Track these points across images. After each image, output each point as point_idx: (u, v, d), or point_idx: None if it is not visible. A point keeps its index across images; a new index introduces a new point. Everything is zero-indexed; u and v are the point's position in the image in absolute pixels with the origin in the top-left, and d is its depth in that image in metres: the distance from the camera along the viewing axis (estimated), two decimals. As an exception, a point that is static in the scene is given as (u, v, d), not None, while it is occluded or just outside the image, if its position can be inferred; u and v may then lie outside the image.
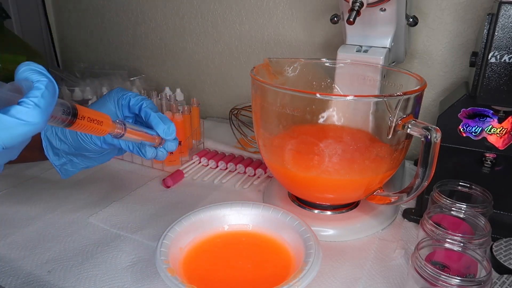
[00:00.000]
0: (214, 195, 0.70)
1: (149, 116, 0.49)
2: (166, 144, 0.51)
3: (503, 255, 0.51)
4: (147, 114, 0.49)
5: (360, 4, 0.55)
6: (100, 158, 0.55)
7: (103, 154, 0.54)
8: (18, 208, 0.65)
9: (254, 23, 0.99)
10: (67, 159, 0.53)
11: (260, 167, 0.76)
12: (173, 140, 0.51)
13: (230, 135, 0.87)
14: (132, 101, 0.50)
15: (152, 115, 0.49)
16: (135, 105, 0.50)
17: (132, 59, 1.22)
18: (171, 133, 0.50)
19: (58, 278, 0.50)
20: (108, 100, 0.51)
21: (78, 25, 1.27)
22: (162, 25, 1.12)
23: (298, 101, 0.52)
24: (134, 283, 0.49)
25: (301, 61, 0.66)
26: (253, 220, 0.53)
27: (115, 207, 0.65)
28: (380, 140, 0.52)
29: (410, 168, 0.80)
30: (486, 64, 0.58)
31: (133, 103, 0.50)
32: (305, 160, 0.54)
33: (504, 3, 0.55)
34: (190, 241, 0.49)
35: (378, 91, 0.64)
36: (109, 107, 0.50)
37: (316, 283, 0.49)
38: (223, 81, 1.09)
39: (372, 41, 0.65)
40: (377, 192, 0.57)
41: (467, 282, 0.37)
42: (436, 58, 0.81)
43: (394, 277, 0.51)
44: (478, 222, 0.48)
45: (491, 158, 0.66)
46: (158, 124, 0.49)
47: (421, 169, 0.49)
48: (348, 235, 0.58)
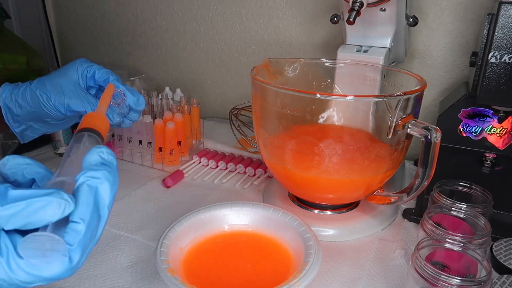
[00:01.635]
0: (214, 195, 0.70)
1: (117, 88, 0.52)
2: (131, 114, 0.55)
3: (503, 255, 0.51)
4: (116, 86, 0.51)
5: (360, 4, 0.55)
6: (61, 125, 0.56)
7: (64, 121, 0.55)
8: (18, 208, 0.65)
9: (254, 23, 0.99)
10: (27, 125, 0.54)
11: (260, 167, 0.76)
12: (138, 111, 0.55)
13: (230, 135, 0.87)
14: (98, 74, 0.52)
15: (120, 87, 0.52)
16: (100, 78, 0.52)
17: (132, 59, 1.22)
18: (141, 104, 0.53)
19: (58, 278, 0.50)
20: (70, 69, 0.52)
21: (78, 25, 1.27)
22: (162, 25, 1.12)
23: (298, 101, 0.52)
24: (134, 283, 0.49)
25: (301, 61, 0.66)
26: (253, 220, 0.53)
27: (115, 207, 0.65)
28: (380, 140, 0.52)
29: (410, 168, 0.80)
30: (486, 64, 0.58)
31: (99, 76, 0.52)
32: (305, 160, 0.54)
33: (504, 3, 0.55)
34: (190, 241, 0.49)
35: (378, 91, 0.64)
36: (72, 76, 0.52)
37: (316, 283, 0.49)
38: (223, 81, 1.09)
39: (372, 41, 0.65)
40: (377, 192, 0.57)
41: (467, 282, 0.37)
42: (436, 58, 0.81)
43: (394, 277, 0.51)
44: (478, 222, 0.48)
45: (491, 158, 0.66)
46: (128, 95, 0.52)
47: (421, 169, 0.49)
48: (348, 235, 0.58)
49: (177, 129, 0.77)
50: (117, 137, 0.82)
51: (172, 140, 0.77)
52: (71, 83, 0.51)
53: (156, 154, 0.79)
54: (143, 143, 0.79)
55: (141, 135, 0.79)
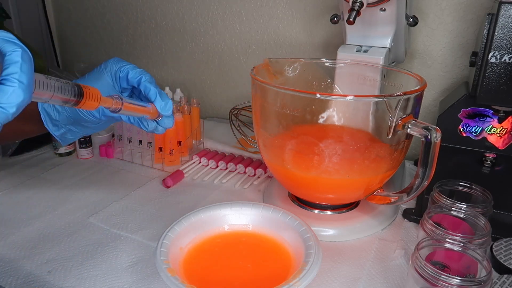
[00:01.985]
0: (214, 195, 0.70)
1: (148, 91, 0.49)
2: (163, 121, 0.51)
3: (503, 255, 0.51)
4: (146, 88, 0.49)
5: (360, 4, 0.55)
6: (98, 127, 0.55)
7: (100, 124, 0.54)
8: (18, 208, 0.65)
9: (254, 23, 0.99)
10: (66, 129, 0.54)
11: (260, 167, 0.76)
12: (169, 116, 0.51)
13: (230, 135, 0.87)
14: (131, 74, 0.49)
15: (152, 90, 0.49)
16: (133, 78, 0.49)
17: (132, 59, 1.22)
18: (168, 110, 0.50)
19: (58, 278, 0.50)
20: (104, 72, 0.50)
21: (78, 25, 1.27)
22: (162, 25, 1.12)
23: (298, 101, 0.52)
24: (134, 283, 0.49)
25: (301, 61, 0.66)
26: (253, 220, 0.53)
27: (115, 207, 0.65)
28: (380, 140, 0.52)
29: (410, 168, 0.80)
30: (486, 64, 0.58)
31: (132, 76, 0.49)
32: (305, 160, 0.54)
33: (504, 3, 0.55)
34: (190, 241, 0.49)
35: (378, 91, 0.64)
36: (106, 79, 0.50)
37: (316, 283, 0.49)
38: (223, 81, 1.09)
39: (372, 41, 0.65)
40: (377, 192, 0.57)
41: (467, 282, 0.37)
42: (436, 58, 0.81)
43: (394, 277, 0.51)
44: (478, 222, 0.48)
45: (491, 158, 0.66)
46: (157, 99, 0.49)
47: (421, 169, 0.49)
48: (348, 235, 0.58)
49: (177, 129, 0.77)
50: (117, 137, 0.82)
51: (172, 140, 0.77)
52: (105, 86, 0.50)
53: (156, 154, 0.79)
54: (143, 143, 0.79)
55: (141, 135, 0.79)
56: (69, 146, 0.84)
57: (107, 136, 0.87)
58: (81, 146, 0.82)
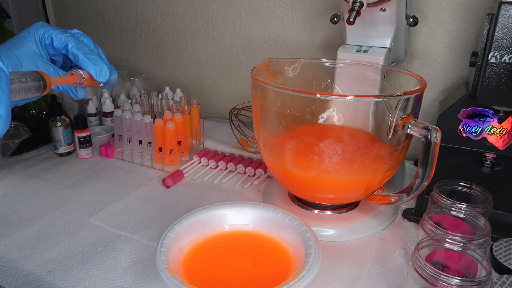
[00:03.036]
0: (214, 195, 0.70)
1: (77, 59, 0.46)
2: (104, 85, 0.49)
3: (503, 255, 0.51)
4: (75, 56, 0.46)
5: (360, 4, 0.55)
6: None
7: None
8: (18, 208, 0.65)
9: (254, 23, 0.99)
10: None
11: (260, 167, 0.76)
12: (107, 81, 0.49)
13: (230, 135, 0.87)
14: (55, 41, 0.46)
15: (80, 58, 0.46)
16: (59, 45, 0.46)
17: (132, 59, 1.22)
18: (104, 76, 0.47)
19: (58, 278, 0.50)
20: (27, 39, 0.46)
21: (78, 25, 1.27)
22: (162, 25, 1.12)
23: (298, 101, 0.52)
24: (134, 283, 0.49)
25: (301, 61, 0.66)
26: (253, 220, 0.53)
27: (115, 207, 0.65)
28: (380, 140, 0.52)
29: (410, 168, 0.80)
30: (486, 64, 0.58)
31: (57, 44, 0.46)
32: (305, 160, 0.54)
33: (504, 3, 0.55)
34: (190, 241, 0.49)
35: (378, 91, 0.64)
36: (30, 46, 0.46)
37: (316, 283, 0.49)
38: (223, 81, 1.09)
39: (372, 41, 0.65)
40: (377, 192, 0.57)
41: (467, 282, 0.37)
42: (436, 58, 0.81)
43: (394, 277, 0.51)
44: (478, 222, 0.48)
45: (491, 158, 0.66)
46: (89, 67, 0.46)
47: (421, 169, 0.49)
48: (348, 235, 0.58)
49: (177, 129, 0.77)
50: (117, 137, 0.82)
51: (172, 140, 0.77)
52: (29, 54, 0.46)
53: (156, 154, 0.79)
54: (143, 143, 0.79)
55: (141, 135, 0.79)
56: (69, 146, 0.84)
57: (107, 136, 0.87)
58: (81, 146, 0.82)
